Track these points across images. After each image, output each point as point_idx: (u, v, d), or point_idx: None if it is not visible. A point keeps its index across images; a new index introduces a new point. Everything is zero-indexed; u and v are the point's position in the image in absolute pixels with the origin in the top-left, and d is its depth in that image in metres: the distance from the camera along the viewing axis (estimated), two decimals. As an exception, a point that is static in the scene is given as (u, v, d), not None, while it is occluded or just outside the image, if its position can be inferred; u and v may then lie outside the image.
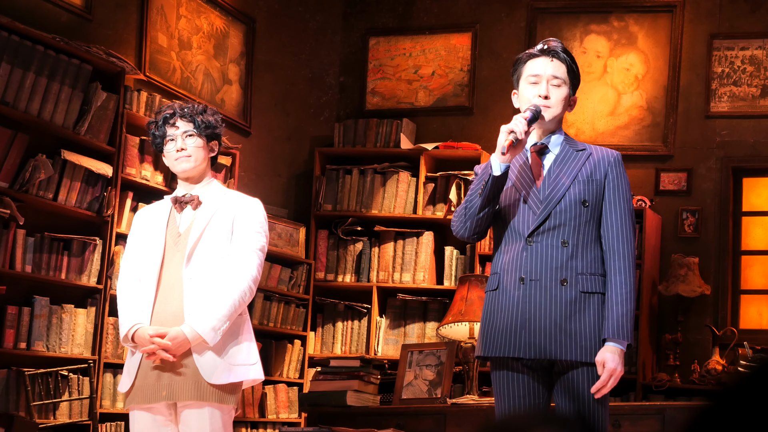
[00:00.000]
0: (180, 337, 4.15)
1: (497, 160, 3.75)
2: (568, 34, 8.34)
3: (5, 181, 5.97)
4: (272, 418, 7.81)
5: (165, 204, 4.46)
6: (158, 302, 4.28)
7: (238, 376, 4.23)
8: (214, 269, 4.28)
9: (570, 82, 3.90)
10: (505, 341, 3.80)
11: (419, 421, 6.17)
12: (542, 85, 3.86)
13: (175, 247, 4.32)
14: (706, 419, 0.96)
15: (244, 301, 4.28)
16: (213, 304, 4.21)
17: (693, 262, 7.67)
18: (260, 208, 4.46)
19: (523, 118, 3.76)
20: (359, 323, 8.21)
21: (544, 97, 3.84)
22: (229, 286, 4.26)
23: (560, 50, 3.89)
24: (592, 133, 8.15)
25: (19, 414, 5.91)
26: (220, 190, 4.45)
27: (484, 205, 3.81)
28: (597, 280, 3.80)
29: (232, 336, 4.26)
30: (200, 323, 4.17)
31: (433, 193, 8.20)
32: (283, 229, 8.06)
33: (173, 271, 4.28)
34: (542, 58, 3.89)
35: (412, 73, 8.68)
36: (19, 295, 6.13)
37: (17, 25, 6.03)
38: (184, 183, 4.44)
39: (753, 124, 7.93)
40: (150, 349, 4.15)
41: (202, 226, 4.32)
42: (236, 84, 8.07)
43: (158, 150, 4.49)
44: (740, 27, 8.03)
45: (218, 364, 4.19)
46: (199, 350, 4.19)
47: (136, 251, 4.39)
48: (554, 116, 3.87)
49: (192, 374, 4.19)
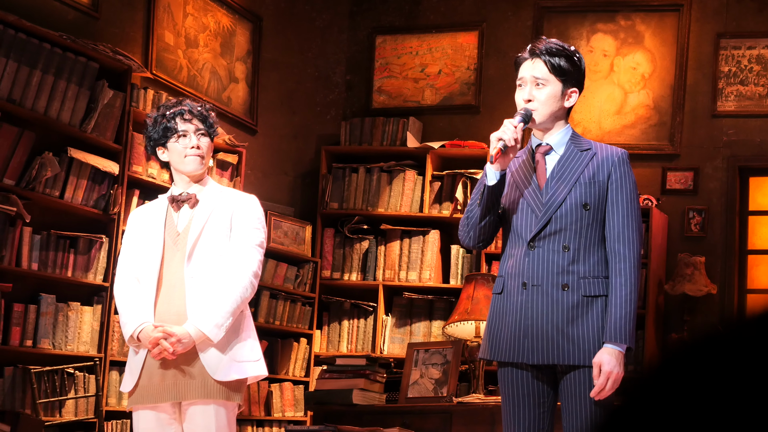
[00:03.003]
0: (186, 336, 4.15)
1: (491, 169, 3.74)
2: (574, 33, 8.33)
3: (12, 178, 5.98)
4: (278, 416, 7.81)
5: (161, 203, 4.45)
6: (160, 302, 4.27)
7: (242, 373, 4.23)
8: (214, 267, 4.28)
9: (558, 78, 3.84)
10: (508, 346, 3.80)
11: (425, 420, 6.17)
12: (525, 89, 3.84)
13: (175, 246, 4.32)
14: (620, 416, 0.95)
15: (246, 297, 4.29)
16: (215, 301, 4.21)
17: (699, 262, 7.66)
18: (257, 204, 4.45)
19: (511, 124, 3.75)
20: (365, 322, 8.21)
21: (527, 101, 3.82)
22: (230, 282, 4.26)
23: (542, 50, 3.84)
24: (598, 132, 8.14)
25: (25, 411, 5.92)
26: (216, 188, 4.44)
27: (484, 214, 3.80)
28: (600, 282, 3.77)
29: (234, 333, 4.26)
30: (203, 321, 4.17)
31: (439, 192, 8.20)
32: (290, 227, 8.07)
33: (174, 271, 4.28)
34: (527, 60, 3.87)
35: (418, 72, 8.68)
36: (25, 292, 6.13)
37: (24, 23, 6.04)
38: (181, 182, 4.42)
39: (760, 123, 7.92)
40: (158, 349, 4.15)
41: (200, 224, 4.31)
42: (243, 82, 8.08)
43: (157, 143, 4.39)
44: (747, 26, 8.02)
45: (222, 360, 4.20)
46: (203, 348, 4.19)
47: (133, 251, 4.38)
48: (544, 116, 3.84)
49: (198, 373, 4.19)
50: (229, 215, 4.35)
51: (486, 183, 3.75)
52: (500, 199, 3.82)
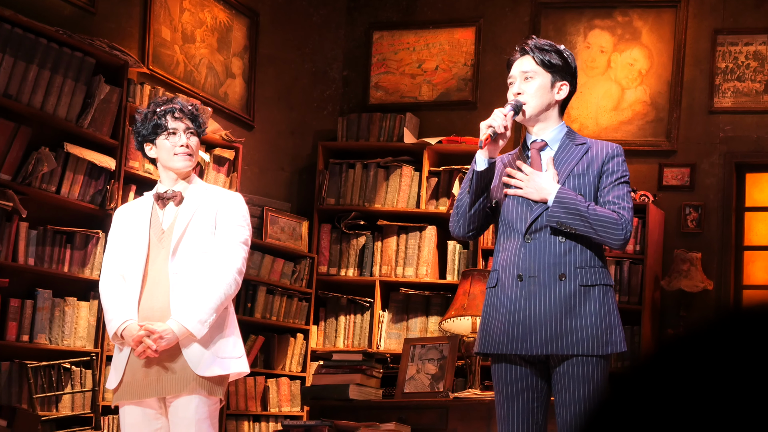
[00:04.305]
0: (168, 332, 4.19)
1: (481, 155, 3.82)
2: (571, 29, 8.33)
3: (8, 173, 5.98)
4: (274, 411, 7.81)
5: (146, 201, 4.48)
6: (144, 298, 4.31)
7: (224, 369, 4.28)
8: (199, 264, 4.32)
9: (547, 71, 3.92)
10: (504, 338, 3.81)
11: (421, 415, 6.17)
12: (515, 84, 3.94)
13: (159, 243, 4.35)
14: (605, 411, 0.95)
15: (229, 294, 4.33)
16: (199, 297, 4.26)
17: (696, 258, 7.66)
18: (242, 202, 4.49)
19: (501, 112, 3.82)
20: (362, 317, 8.21)
21: (517, 94, 3.91)
22: (214, 279, 4.30)
23: (530, 47, 3.95)
24: (595, 128, 8.14)
25: (22, 406, 5.92)
26: (201, 186, 4.48)
27: (473, 201, 3.85)
28: (596, 272, 3.81)
29: (218, 329, 4.31)
30: (187, 317, 4.22)
31: (436, 188, 8.20)
32: (286, 222, 8.06)
33: (159, 268, 4.31)
34: (517, 59, 3.99)
35: (415, 68, 8.68)
36: (21, 287, 6.14)
37: (20, 17, 6.03)
38: (168, 179, 4.45)
39: (756, 119, 7.92)
40: (141, 347, 4.19)
41: (185, 222, 4.34)
42: (239, 78, 8.07)
43: (146, 139, 4.42)
44: (744, 22, 8.02)
45: (205, 355, 4.24)
46: (186, 343, 4.24)
47: (118, 248, 4.41)
48: (535, 107, 3.91)
49: (181, 369, 4.25)
50: (213, 213, 4.39)
51: (475, 169, 3.79)
52: (489, 188, 3.86)
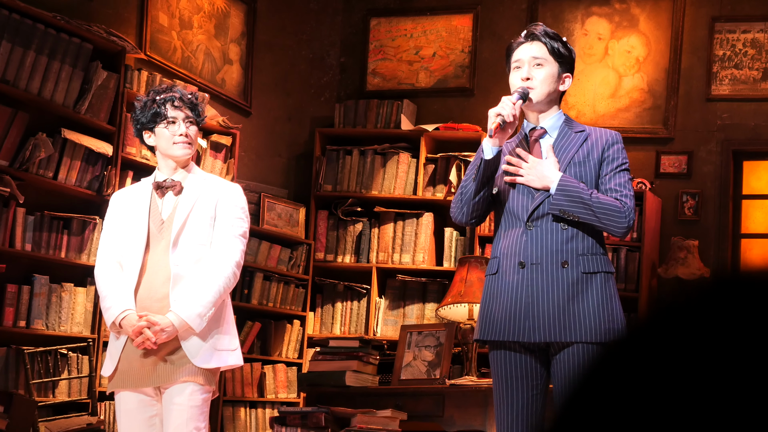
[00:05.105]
0: (169, 326, 4.20)
1: (488, 144, 3.81)
2: (569, 16, 8.32)
3: (5, 159, 5.97)
4: (271, 397, 7.82)
5: (145, 188, 4.46)
6: (142, 288, 4.30)
7: (221, 362, 4.31)
8: (198, 255, 4.32)
9: (556, 60, 3.93)
10: (505, 325, 3.82)
11: (418, 402, 6.18)
12: (524, 69, 3.92)
13: (159, 234, 4.34)
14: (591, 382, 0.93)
15: (228, 287, 4.35)
16: (198, 290, 4.26)
17: (693, 245, 7.67)
18: (241, 194, 4.49)
19: (510, 100, 3.82)
20: (358, 304, 8.22)
21: (525, 79, 3.90)
22: (213, 272, 4.30)
23: (540, 33, 3.95)
24: (592, 116, 8.14)
25: (19, 392, 5.92)
26: (200, 176, 4.47)
27: (479, 189, 3.85)
28: (598, 259, 3.83)
29: (216, 322, 4.33)
30: (186, 310, 4.22)
31: (433, 175, 8.20)
32: (283, 209, 8.06)
33: (158, 258, 4.31)
34: (524, 44, 3.96)
35: (413, 54, 8.66)
36: (18, 273, 6.14)
37: (18, 3, 6.02)
38: (167, 167, 4.43)
39: (754, 107, 7.92)
40: (141, 338, 4.19)
41: (185, 212, 4.34)
42: (237, 64, 8.06)
43: (145, 127, 4.42)
44: (742, 10, 8.01)
45: (203, 347, 4.26)
46: (185, 336, 4.25)
47: (114, 235, 4.39)
48: (541, 95, 3.91)
49: (178, 359, 4.26)
50: (213, 204, 4.39)
51: (483, 157, 3.81)
52: (494, 176, 3.87)
